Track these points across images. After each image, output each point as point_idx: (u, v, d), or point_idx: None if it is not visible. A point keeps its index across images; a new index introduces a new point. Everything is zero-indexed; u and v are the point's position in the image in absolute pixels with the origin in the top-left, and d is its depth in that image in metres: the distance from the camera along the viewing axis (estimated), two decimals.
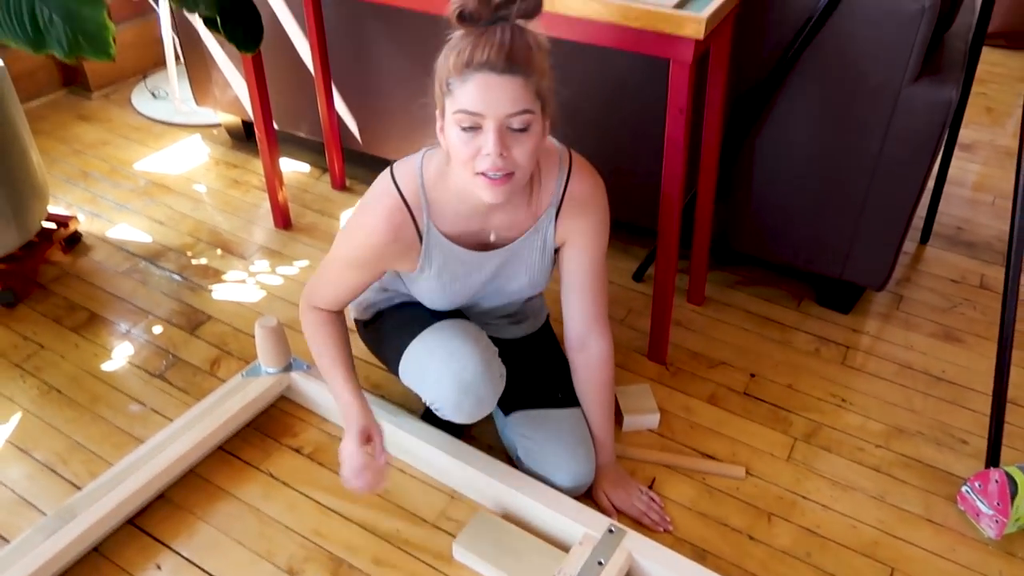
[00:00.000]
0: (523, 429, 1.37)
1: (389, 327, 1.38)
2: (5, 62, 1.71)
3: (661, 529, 1.33)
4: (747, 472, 1.44)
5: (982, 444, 1.50)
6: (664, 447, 1.49)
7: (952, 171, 2.35)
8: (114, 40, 1.16)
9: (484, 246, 1.26)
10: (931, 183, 2.12)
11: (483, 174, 1.06)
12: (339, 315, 1.34)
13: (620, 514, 1.35)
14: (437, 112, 1.10)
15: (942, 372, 1.67)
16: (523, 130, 1.04)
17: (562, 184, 1.23)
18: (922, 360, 1.70)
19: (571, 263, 1.30)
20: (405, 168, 1.20)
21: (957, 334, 1.77)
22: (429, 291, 1.29)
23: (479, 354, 1.24)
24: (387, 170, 1.22)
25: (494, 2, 0.99)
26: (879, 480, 1.43)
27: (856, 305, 1.84)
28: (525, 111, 1.03)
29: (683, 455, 1.47)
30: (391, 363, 1.37)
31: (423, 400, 1.31)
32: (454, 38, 1.04)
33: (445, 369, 1.24)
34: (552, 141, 1.25)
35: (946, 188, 2.26)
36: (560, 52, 1.71)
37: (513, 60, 1.00)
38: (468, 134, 1.04)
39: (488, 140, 1.03)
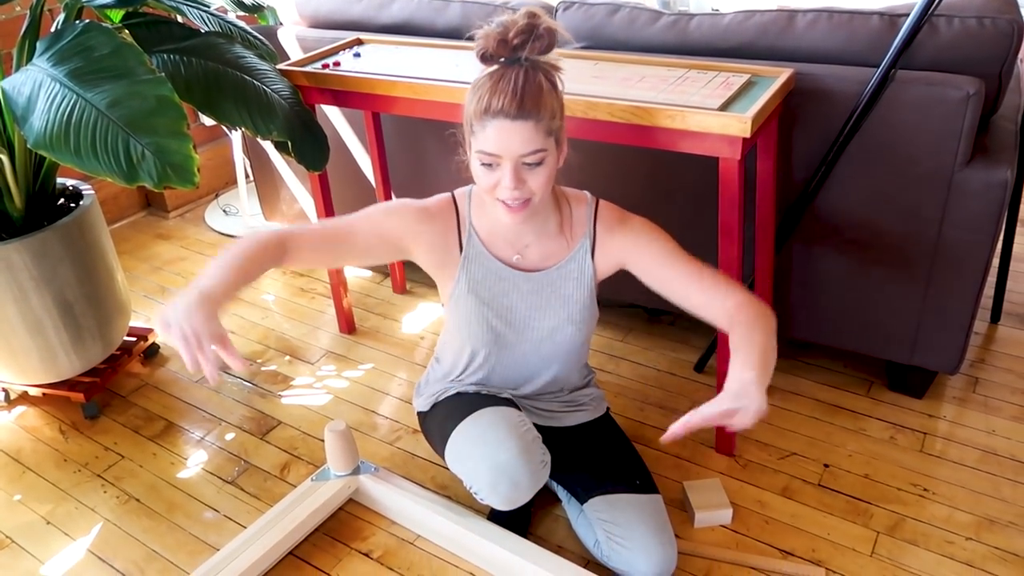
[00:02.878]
0: (603, 514, 1.35)
1: (441, 415, 1.42)
2: (92, 189, 1.86)
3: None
4: (829, 570, 1.38)
5: None
6: (739, 544, 1.44)
7: (1017, 248, 2.30)
8: (198, 170, 1.26)
9: (521, 269, 1.35)
10: (996, 261, 2.08)
11: (502, 201, 1.20)
12: (283, 245, 1.21)
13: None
14: (465, 144, 1.23)
15: None
16: (537, 165, 1.17)
17: (591, 216, 1.33)
18: (1006, 445, 1.63)
19: (656, 273, 1.30)
20: (460, 189, 1.37)
21: None
22: (467, 313, 1.35)
23: (517, 438, 1.26)
24: None
25: (511, 43, 1.13)
26: None
27: (930, 389, 1.78)
28: (537, 150, 1.16)
29: (759, 554, 1.42)
30: (440, 449, 1.41)
31: (464, 485, 1.33)
32: (479, 78, 1.17)
33: (482, 452, 1.27)
34: (585, 192, 1.37)
35: (1013, 266, 2.21)
36: (608, 148, 1.78)
37: (524, 107, 1.12)
38: (488, 168, 1.18)
39: (505, 175, 1.17)
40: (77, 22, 1.42)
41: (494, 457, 1.25)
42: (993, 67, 1.46)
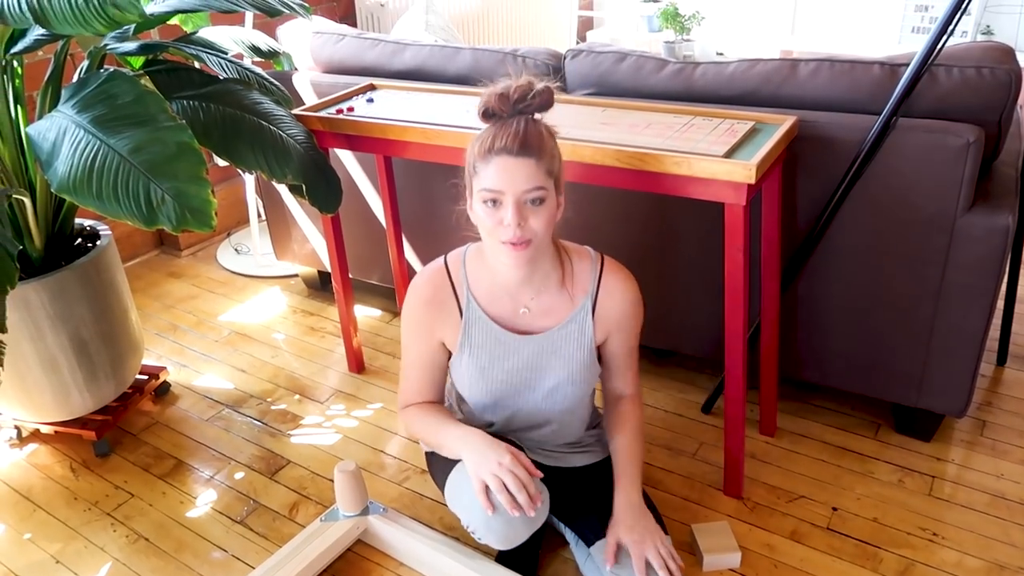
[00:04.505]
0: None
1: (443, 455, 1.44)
2: (109, 229, 1.89)
3: None
4: None
5: None
6: None
7: (1022, 291, 2.31)
8: (216, 213, 1.29)
9: (521, 332, 1.37)
10: (1000, 304, 2.09)
11: (505, 242, 1.23)
12: (432, 403, 1.44)
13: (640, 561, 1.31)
14: (467, 192, 1.27)
15: None
16: (538, 204, 1.21)
17: (596, 278, 1.36)
18: (1016, 489, 1.63)
19: (614, 349, 1.43)
20: (454, 251, 1.42)
21: None
22: (469, 376, 1.38)
23: None
24: None
25: (512, 100, 1.20)
26: None
27: (937, 432, 1.78)
28: (538, 187, 1.20)
29: None
30: (440, 486, 1.42)
31: (462, 523, 1.33)
32: (480, 131, 1.23)
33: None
34: (587, 248, 1.40)
35: (1018, 308, 2.22)
36: (616, 192, 1.81)
37: (527, 145, 1.19)
38: (491, 207, 1.22)
39: (508, 213, 1.20)
40: (101, 70, 1.47)
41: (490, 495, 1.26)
42: (992, 115, 1.49)
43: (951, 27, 1.43)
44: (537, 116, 1.24)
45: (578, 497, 1.47)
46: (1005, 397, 1.90)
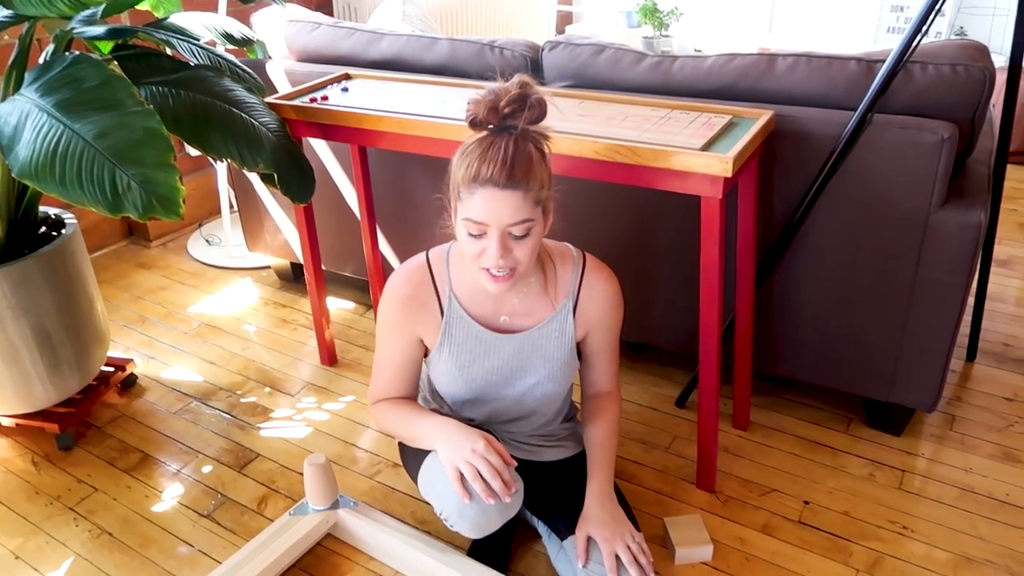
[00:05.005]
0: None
1: None
2: (75, 218, 1.85)
3: None
4: None
5: None
6: None
7: (992, 288, 2.34)
8: (184, 201, 1.26)
9: (502, 330, 1.35)
10: (971, 300, 2.12)
11: (487, 270, 1.20)
12: (404, 398, 1.42)
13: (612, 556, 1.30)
14: (450, 208, 1.23)
15: (1006, 495, 1.61)
16: (523, 236, 1.18)
17: (578, 278, 1.35)
18: (983, 483, 1.64)
19: (594, 345, 1.43)
20: (437, 248, 1.39)
21: (1017, 454, 1.71)
22: (448, 373, 1.37)
23: None
24: None
25: (502, 112, 1.13)
26: None
27: (908, 427, 1.80)
28: (525, 220, 1.16)
29: None
30: (414, 475, 1.41)
31: (435, 510, 1.32)
32: (467, 144, 1.17)
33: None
34: (568, 246, 1.38)
35: (988, 305, 2.25)
36: (593, 186, 1.80)
37: (513, 176, 1.13)
38: (474, 237, 1.19)
39: (491, 244, 1.17)
40: (67, 53, 1.43)
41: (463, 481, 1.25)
42: (966, 112, 1.50)
43: (926, 26, 1.43)
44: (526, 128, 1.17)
45: (551, 491, 1.46)
46: (974, 392, 1.92)
